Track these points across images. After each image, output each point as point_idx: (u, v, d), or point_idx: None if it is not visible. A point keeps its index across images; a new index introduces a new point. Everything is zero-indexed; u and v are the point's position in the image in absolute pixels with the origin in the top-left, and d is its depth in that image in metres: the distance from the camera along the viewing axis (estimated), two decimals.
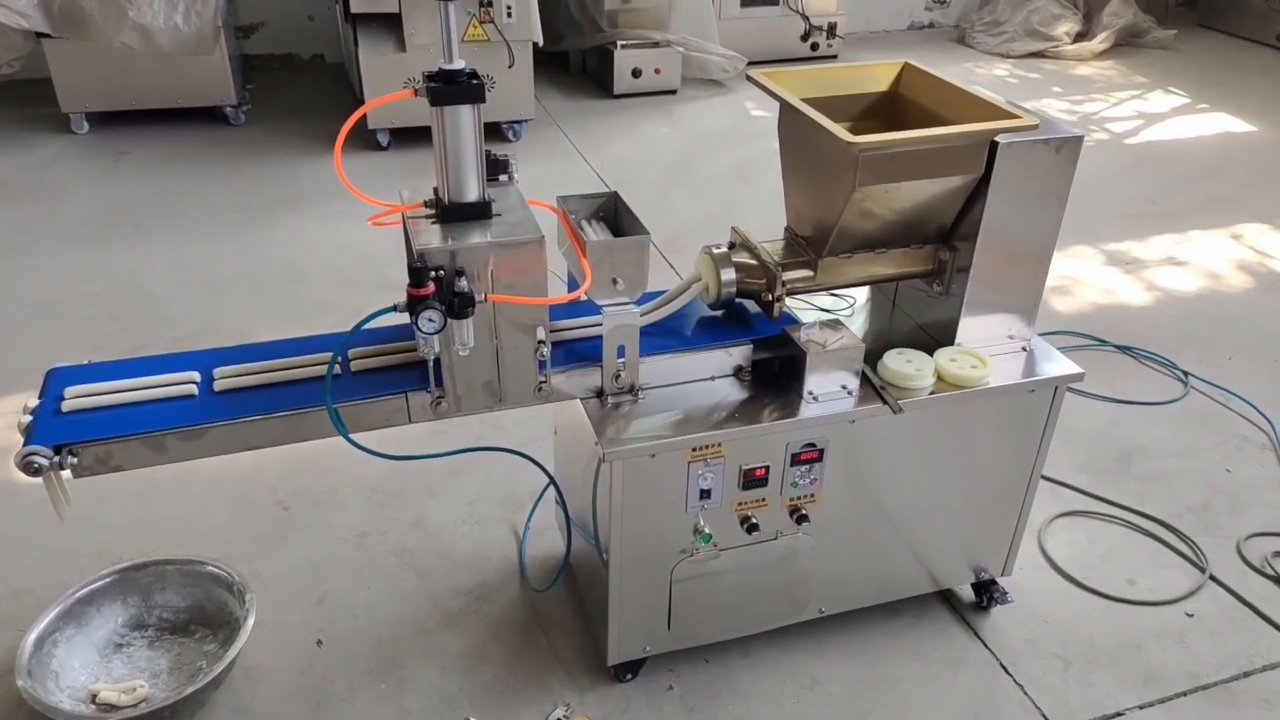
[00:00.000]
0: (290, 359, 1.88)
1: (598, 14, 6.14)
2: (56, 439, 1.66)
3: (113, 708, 2.02)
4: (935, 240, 2.07)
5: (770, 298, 2.00)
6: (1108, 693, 2.25)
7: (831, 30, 6.96)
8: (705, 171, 5.12)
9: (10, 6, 4.72)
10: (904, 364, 2.00)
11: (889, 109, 2.19)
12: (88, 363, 1.89)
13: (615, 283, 1.82)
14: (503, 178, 1.87)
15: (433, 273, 1.65)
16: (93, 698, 2.06)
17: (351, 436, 1.78)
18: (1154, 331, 3.73)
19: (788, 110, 1.99)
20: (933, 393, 2.00)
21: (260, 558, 2.54)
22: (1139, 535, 2.73)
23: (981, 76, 6.89)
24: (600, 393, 1.95)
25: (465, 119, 1.69)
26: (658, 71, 6.15)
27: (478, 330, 1.74)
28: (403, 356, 1.89)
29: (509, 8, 4.85)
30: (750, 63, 6.35)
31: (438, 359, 1.77)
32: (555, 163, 5.17)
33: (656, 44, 6.13)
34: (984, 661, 2.32)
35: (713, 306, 2.08)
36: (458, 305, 1.66)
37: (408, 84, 1.77)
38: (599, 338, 1.88)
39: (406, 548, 2.59)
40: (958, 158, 1.89)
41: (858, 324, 2.27)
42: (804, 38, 6.93)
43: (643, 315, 1.92)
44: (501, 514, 2.71)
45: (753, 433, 1.91)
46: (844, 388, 1.97)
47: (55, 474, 1.66)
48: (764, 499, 2.01)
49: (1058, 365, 2.12)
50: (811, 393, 1.95)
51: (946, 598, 2.47)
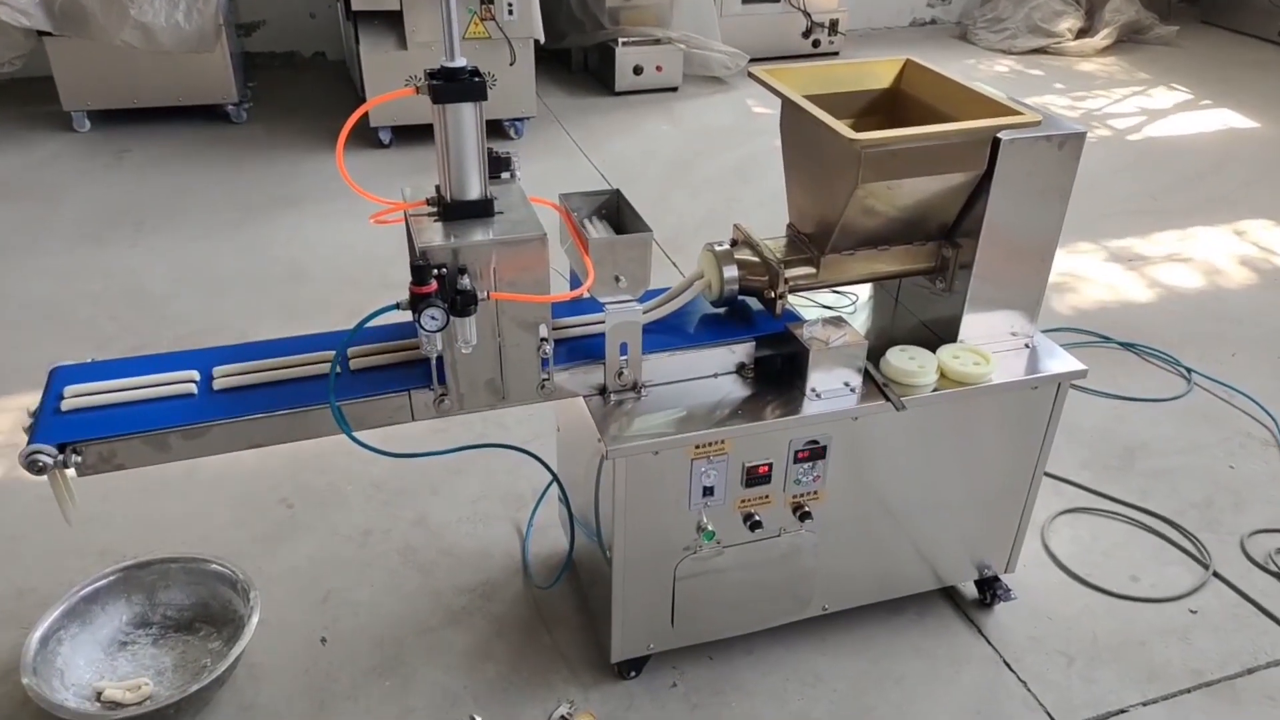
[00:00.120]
0: (292, 357, 1.88)
1: (599, 11, 6.13)
2: (60, 437, 1.66)
3: (117, 705, 2.03)
4: (938, 237, 2.06)
5: (773, 295, 2.00)
6: (1111, 689, 2.25)
7: (833, 27, 6.96)
8: (707, 169, 5.12)
9: (12, 5, 4.71)
10: (907, 361, 2.00)
11: (891, 106, 2.19)
12: (90, 361, 1.89)
13: (618, 280, 1.82)
14: (505, 175, 1.86)
15: (435, 270, 1.65)
16: (98, 695, 2.06)
17: (355, 434, 1.78)
18: (1157, 328, 3.72)
19: (790, 107, 1.99)
20: (935, 390, 2.00)
21: (263, 556, 2.54)
22: (1142, 532, 2.72)
23: (983, 73, 6.88)
24: (603, 390, 1.94)
25: (467, 117, 1.69)
26: (659, 69, 6.14)
27: (480, 328, 1.74)
28: (405, 354, 1.89)
29: (510, 5, 4.84)
30: (752, 60, 6.34)
31: (440, 357, 1.77)
32: (557, 160, 5.17)
33: (658, 41, 6.13)
34: (987, 658, 2.32)
35: (715, 304, 2.08)
36: (460, 303, 1.66)
37: (409, 82, 1.77)
38: (601, 335, 1.88)
39: (410, 545, 2.60)
40: (960, 154, 1.88)
41: (860, 321, 2.27)
42: (806, 34, 6.93)
43: (645, 313, 1.92)
44: (504, 511, 2.71)
45: (755, 430, 1.91)
46: (847, 385, 1.97)
47: (60, 473, 1.66)
48: (767, 496, 2.01)
49: (1060, 362, 2.11)
50: (814, 390, 1.95)
51: (949, 595, 2.47)
